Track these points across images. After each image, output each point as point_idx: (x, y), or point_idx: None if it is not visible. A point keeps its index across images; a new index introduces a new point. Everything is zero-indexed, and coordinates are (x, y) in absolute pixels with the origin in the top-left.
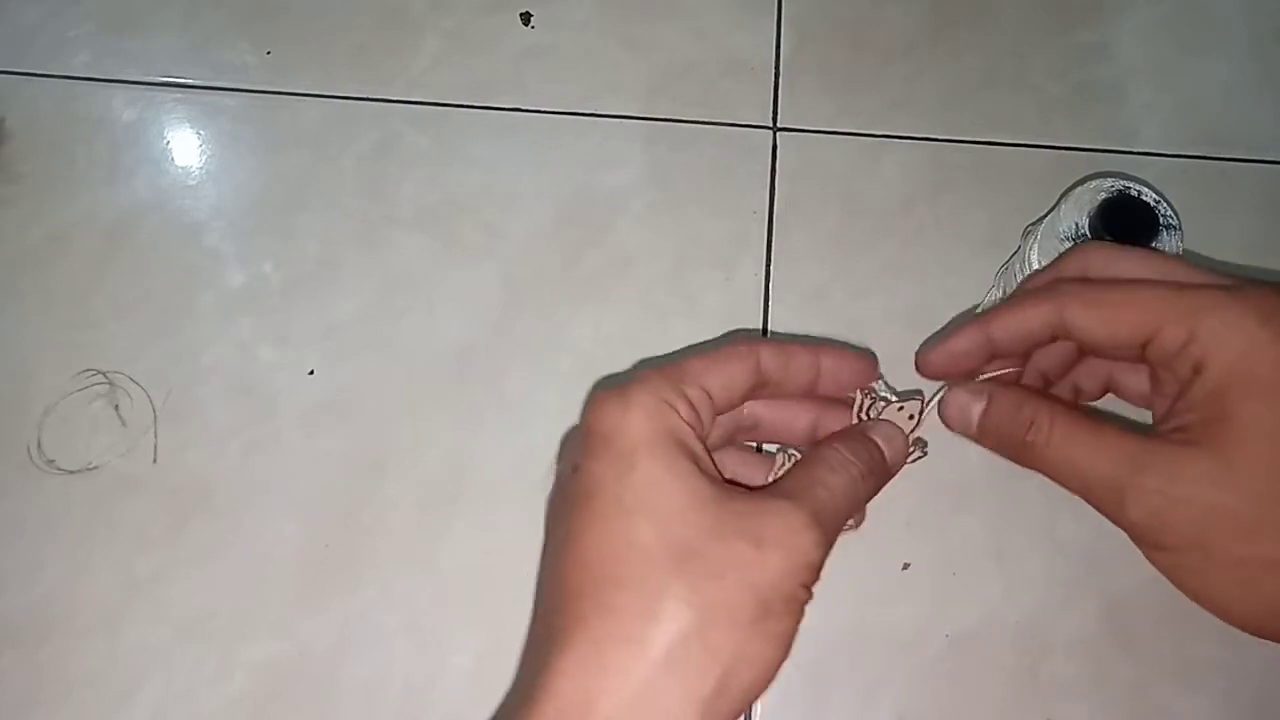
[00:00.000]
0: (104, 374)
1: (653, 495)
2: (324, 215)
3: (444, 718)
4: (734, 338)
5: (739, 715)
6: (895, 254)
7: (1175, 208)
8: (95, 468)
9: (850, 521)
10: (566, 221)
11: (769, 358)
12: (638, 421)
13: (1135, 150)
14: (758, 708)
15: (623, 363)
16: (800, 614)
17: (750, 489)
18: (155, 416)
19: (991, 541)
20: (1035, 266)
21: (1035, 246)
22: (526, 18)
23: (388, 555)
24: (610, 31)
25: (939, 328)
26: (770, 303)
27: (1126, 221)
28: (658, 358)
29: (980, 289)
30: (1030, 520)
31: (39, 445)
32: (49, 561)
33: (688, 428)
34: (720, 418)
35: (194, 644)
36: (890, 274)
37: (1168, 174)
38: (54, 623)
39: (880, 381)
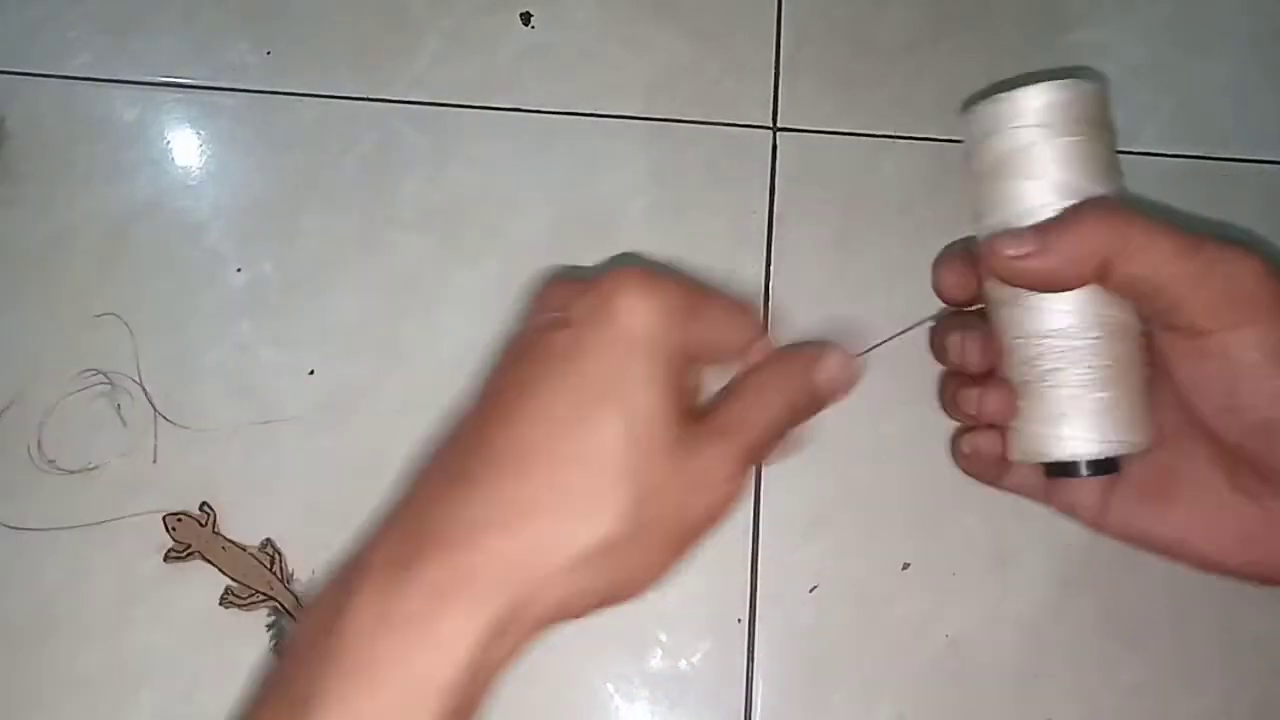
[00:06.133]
0: (104, 374)
1: (632, 397)
2: (324, 215)
3: None
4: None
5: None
6: (895, 254)
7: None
8: (95, 468)
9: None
10: (566, 221)
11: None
12: (659, 323)
13: (1135, 150)
14: (757, 707)
15: None
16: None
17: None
18: (155, 416)
19: (991, 541)
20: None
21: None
22: (526, 18)
23: None
24: (610, 31)
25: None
26: (770, 303)
27: None
28: None
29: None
30: (1030, 520)
31: (39, 445)
32: (49, 562)
33: (688, 358)
34: None
35: (195, 645)
36: (890, 274)
37: (1168, 174)
38: (55, 624)
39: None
